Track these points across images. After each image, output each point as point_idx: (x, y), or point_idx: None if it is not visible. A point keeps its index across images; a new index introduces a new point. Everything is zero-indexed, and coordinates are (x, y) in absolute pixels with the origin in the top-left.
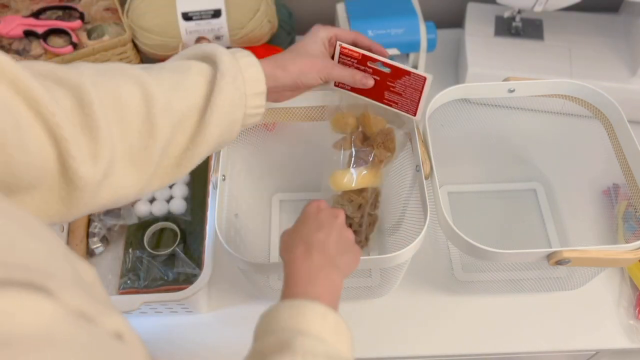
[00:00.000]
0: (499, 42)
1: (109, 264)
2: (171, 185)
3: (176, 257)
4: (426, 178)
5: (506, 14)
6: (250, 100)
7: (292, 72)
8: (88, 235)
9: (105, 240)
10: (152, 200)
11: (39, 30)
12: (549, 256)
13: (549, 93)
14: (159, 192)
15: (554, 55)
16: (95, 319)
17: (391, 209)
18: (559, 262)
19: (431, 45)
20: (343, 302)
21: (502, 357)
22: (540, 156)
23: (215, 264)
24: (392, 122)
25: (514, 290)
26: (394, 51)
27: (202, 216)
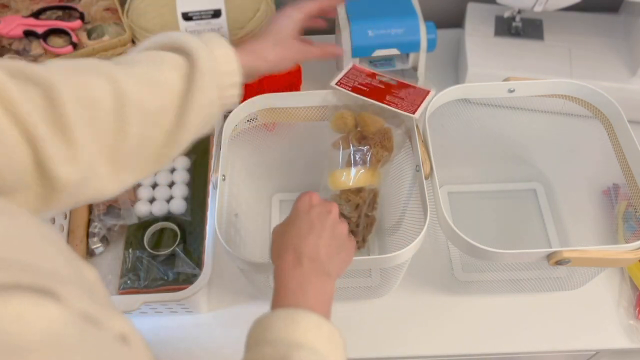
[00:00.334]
0: (499, 42)
1: (109, 264)
2: (171, 185)
3: (176, 257)
4: (426, 178)
5: (506, 14)
6: (227, 91)
7: (272, 62)
8: (88, 235)
9: (105, 240)
10: (152, 200)
11: (39, 30)
12: (549, 256)
13: (549, 93)
14: (159, 192)
15: (554, 55)
16: (100, 321)
17: (391, 209)
18: (559, 262)
19: (431, 45)
20: (343, 302)
21: (502, 357)
22: (540, 156)
23: (215, 264)
24: (390, 122)
25: (514, 290)
26: (394, 51)
27: (202, 216)
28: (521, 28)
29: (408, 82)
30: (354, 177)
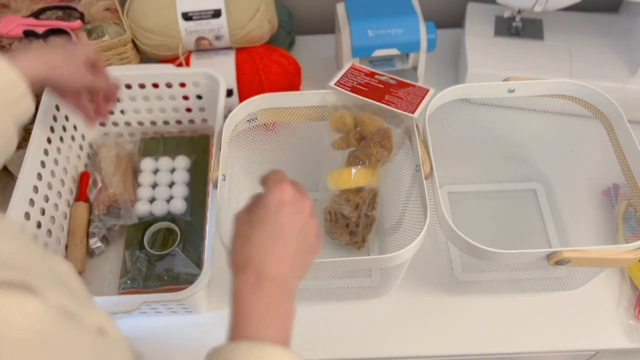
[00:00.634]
0: (499, 42)
1: (109, 264)
2: (171, 185)
3: (176, 257)
4: (426, 178)
5: (506, 14)
6: (16, 106)
7: (59, 73)
8: (88, 235)
9: (105, 240)
10: (152, 200)
11: (39, 30)
12: (549, 256)
13: (549, 93)
14: (159, 192)
15: (554, 55)
16: (78, 315)
17: (391, 209)
18: (559, 262)
19: (431, 45)
20: (343, 302)
21: (502, 357)
22: (540, 156)
23: (215, 264)
24: (389, 121)
25: (514, 290)
26: (394, 51)
27: (202, 216)
28: (521, 28)
29: (406, 81)
30: (353, 177)
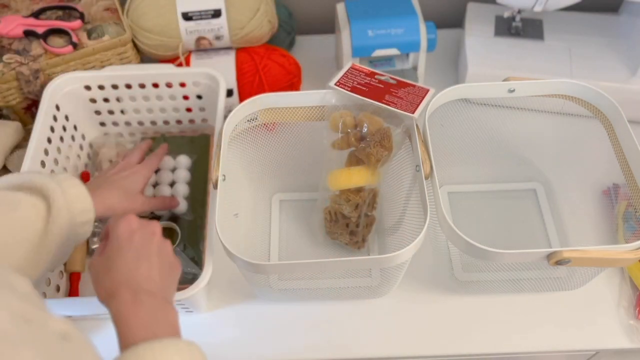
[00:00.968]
0: (499, 42)
1: None
2: (172, 184)
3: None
4: (426, 178)
5: (506, 14)
6: (80, 228)
7: (116, 211)
8: None
9: None
10: None
11: (39, 30)
12: (549, 256)
13: (549, 93)
14: (160, 191)
15: (554, 55)
16: (38, 321)
17: (391, 209)
18: (559, 262)
19: (431, 45)
20: (343, 302)
21: (502, 357)
22: (540, 156)
23: (215, 263)
24: (389, 121)
25: (514, 290)
26: (394, 51)
27: (202, 215)
28: (521, 28)
29: (407, 81)
30: (353, 177)
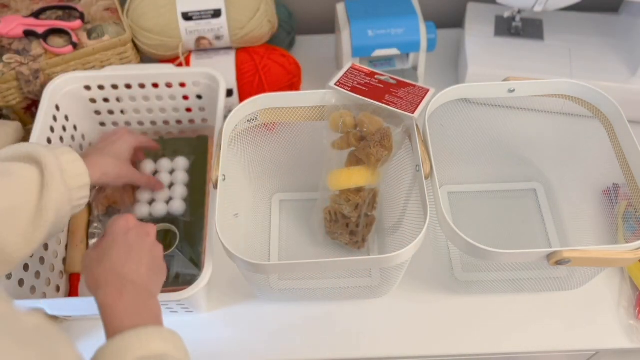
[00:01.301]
0: (499, 42)
1: None
2: (170, 185)
3: (175, 258)
4: (426, 178)
5: (506, 14)
6: (77, 193)
7: (110, 176)
8: (88, 236)
9: None
10: (151, 202)
11: (39, 30)
12: (549, 256)
13: (549, 93)
14: (158, 194)
15: (554, 55)
16: (11, 316)
17: (391, 208)
18: (559, 262)
19: (431, 45)
20: (343, 302)
21: (502, 357)
22: (540, 156)
23: (215, 264)
24: (389, 121)
25: (514, 290)
26: (394, 51)
27: (201, 217)
28: (521, 28)
29: (407, 81)
30: (353, 177)
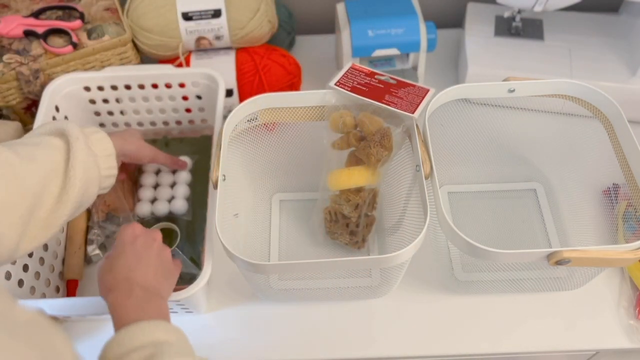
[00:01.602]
0: (499, 42)
1: None
2: (173, 185)
3: (176, 257)
4: (426, 178)
5: (506, 14)
6: (102, 162)
7: (135, 146)
8: (86, 242)
9: (103, 247)
10: (153, 201)
11: (39, 30)
12: (549, 256)
13: (549, 93)
14: (160, 193)
15: (554, 55)
16: (3, 311)
17: (391, 208)
18: (559, 262)
19: (431, 45)
20: (343, 302)
21: (502, 357)
22: (540, 156)
23: (215, 263)
24: (389, 121)
25: (514, 290)
26: (394, 51)
27: (202, 216)
28: (521, 28)
29: (407, 81)
30: (353, 177)
